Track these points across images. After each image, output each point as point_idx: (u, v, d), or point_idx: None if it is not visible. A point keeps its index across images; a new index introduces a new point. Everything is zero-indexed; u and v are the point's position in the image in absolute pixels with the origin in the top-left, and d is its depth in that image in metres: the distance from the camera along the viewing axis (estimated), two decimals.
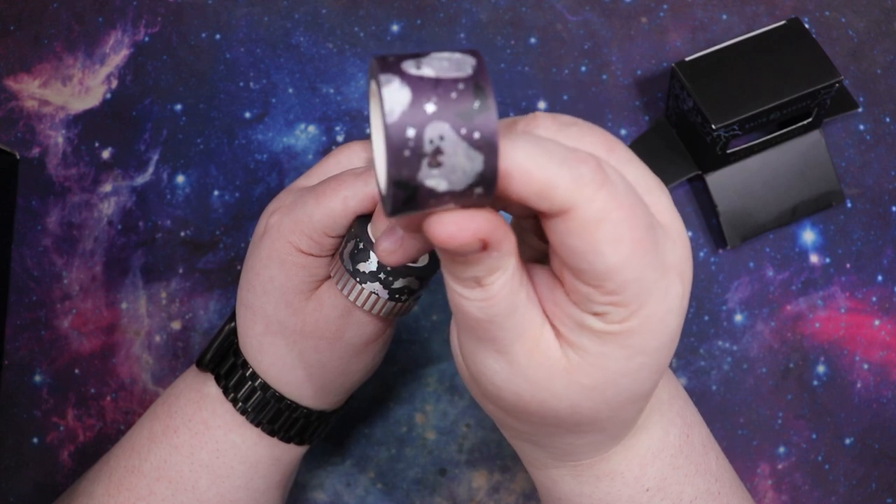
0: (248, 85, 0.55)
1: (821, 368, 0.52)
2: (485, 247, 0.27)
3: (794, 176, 0.52)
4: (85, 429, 0.53)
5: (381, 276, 0.39)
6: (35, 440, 0.53)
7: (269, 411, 0.42)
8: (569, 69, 0.54)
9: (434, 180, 0.24)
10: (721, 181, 0.52)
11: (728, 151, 0.50)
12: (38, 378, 0.53)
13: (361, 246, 0.39)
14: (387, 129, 0.23)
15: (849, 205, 0.53)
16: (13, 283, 0.54)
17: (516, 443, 0.36)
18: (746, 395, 0.52)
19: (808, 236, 0.53)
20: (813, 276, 0.53)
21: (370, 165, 0.41)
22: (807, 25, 0.54)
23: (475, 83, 0.23)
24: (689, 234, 0.53)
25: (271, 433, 0.43)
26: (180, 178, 0.55)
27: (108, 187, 0.55)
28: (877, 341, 0.52)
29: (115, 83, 0.55)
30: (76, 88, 0.55)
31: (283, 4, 0.55)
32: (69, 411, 0.53)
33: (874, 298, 0.52)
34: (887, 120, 0.54)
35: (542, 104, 0.54)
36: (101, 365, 0.53)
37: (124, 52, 0.56)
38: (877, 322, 0.52)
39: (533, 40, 0.55)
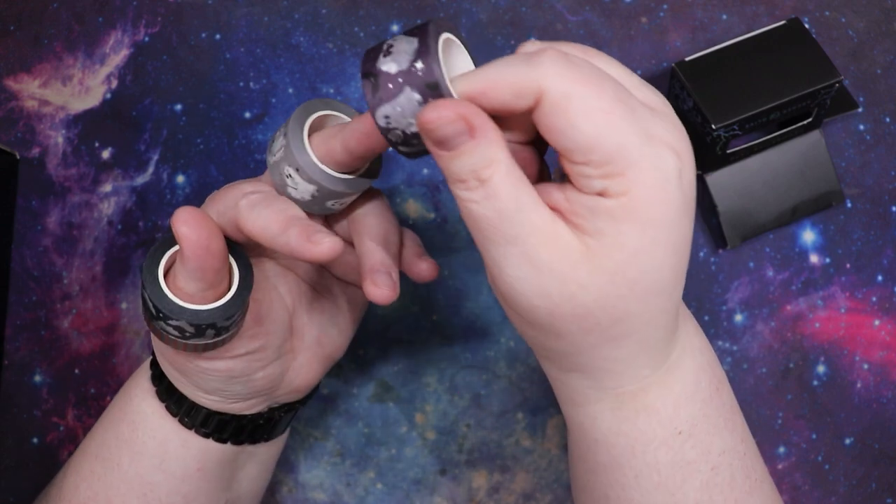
0: (248, 85, 0.55)
1: (821, 368, 0.52)
2: (471, 132, 0.30)
3: (794, 176, 0.52)
4: (85, 429, 0.53)
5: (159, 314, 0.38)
6: (35, 440, 0.53)
7: (174, 392, 0.42)
8: None
9: (387, 65, 0.33)
10: (721, 181, 0.52)
11: (728, 151, 0.50)
12: (38, 378, 0.53)
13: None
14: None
15: (849, 205, 0.53)
16: (13, 283, 0.54)
17: (560, 375, 0.36)
18: (746, 395, 0.52)
19: (808, 236, 0.53)
20: (813, 276, 0.53)
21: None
22: (807, 25, 0.54)
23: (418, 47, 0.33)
24: None
25: (173, 414, 0.42)
26: (180, 178, 0.55)
27: (108, 187, 0.55)
28: (877, 341, 0.52)
29: (115, 83, 0.55)
30: (76, 88, 0.55)
31: (283, 4, 0.55)
32: (69, 411, 0.53)
33: (874, 298, 0.52)
34: (887, 120, 0.54)
35: None
36: (100, 365, 0.53)
37: (124, 52, 0.56)
38: (877, 322, 0.52)
39: (533, 40, 0.55)
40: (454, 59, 0.35)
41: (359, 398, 0.53)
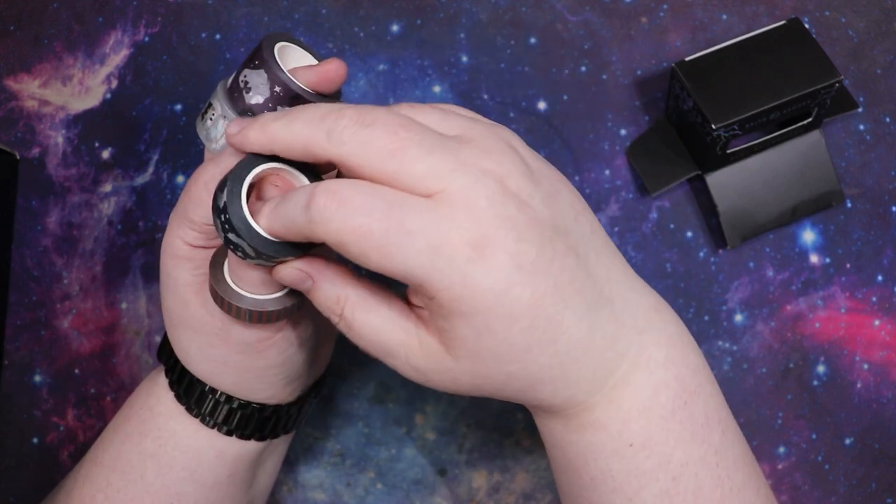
0: None
1: (821, 368, 0.52)
2: (312, 278, 0.35)
3: (794, 176, 0.52)
4: (85, 429, 0.53)
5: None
6: (35, 440, 0.53)
7: (207, 402, 0.42)
8: (569, 69, 0.54)
9: (254, 99, 0.37)
10: (721, 181, 0.52)
11: (728, 151, 0.50)
12: (37, 378, 0.53)
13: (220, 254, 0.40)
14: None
15: (849, 205, 0.53)
16: (13, 283, 0.54)
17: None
18: (746, 395, 0.52)
19: (808, 236, 0.53)
20: (813, 276, 0.53)
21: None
22: (807, 25, 0.54)
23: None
24: (689, 234, 0.53)
25: (211, 425, 0.42)
26: (180, 179, 0.55)
27: (108, 187, 0.55)
28: (877, 341, 0.52)
29: (115, 83, 0.55)
30: (76, 88, 0.55)
31: (283, 4, 0.55)
32: (69, 411, 0.53)
33: (874, 298, 0.52)
34: (887, 120, 0.54)
35: (541, 104, 0.54)
36: (100, 365, 0.53)
37: (124, 52, 0.56)
38: (877, 322, 0.52)
39: (533, 40, 0.55)
40: (296, 58, 0.40)
41: (359, 398, 0.53)
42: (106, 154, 0.55)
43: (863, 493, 0.51)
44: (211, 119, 0.39)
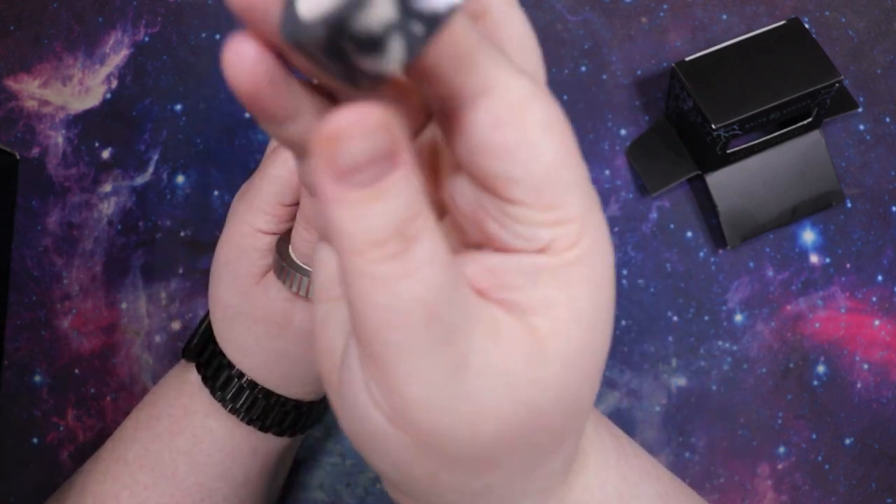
0: None
1: (821, 368, 0.52)
2: (394, 157, 0.19)
3: (794, 176, 0.52)
4: (85, 429, 0.53)
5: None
6: (35, 440, 0.53)
7: (245, 399, 0.42)
8: (569, 69, 0.54)
9: None
10: (721, 181, 0.52)
11: (728, 151, 0.50)
12: (37, 378, 0.53)
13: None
14: None
15: (849, 205, 0.53)
16: (13, 283, 0.54)
17: None
18: (746, 395, 0.52)
19: (808, 236, 0.53)
20: (813, 276, 0.53)
21: None
22: (807, 25, 0.54)
23: None
24: (689, 234, 0.53)
25: (248, 421, 0.43)
26: (180, 178, 0.55)
27: (108, 187, 0.55)
28: (877, 341, 0.52)
29: (115, 83, 0.55)
30: (76, 88, 0.55)
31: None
32: (69, 411, 0.53)
33: (874, 298, 0.52)
34: (887, 120, 0.54)
35: None
36: (101, 365, 0.53)
37: (124, 52, 0.56)
38: (877, 322, 0.52)
39: None
40: None
41: None
42: (106, 154, 0.55)
43: (863, 493, 0.51)
44: None
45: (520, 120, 0.21)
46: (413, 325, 0.20)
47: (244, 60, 0.20)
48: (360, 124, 0.18)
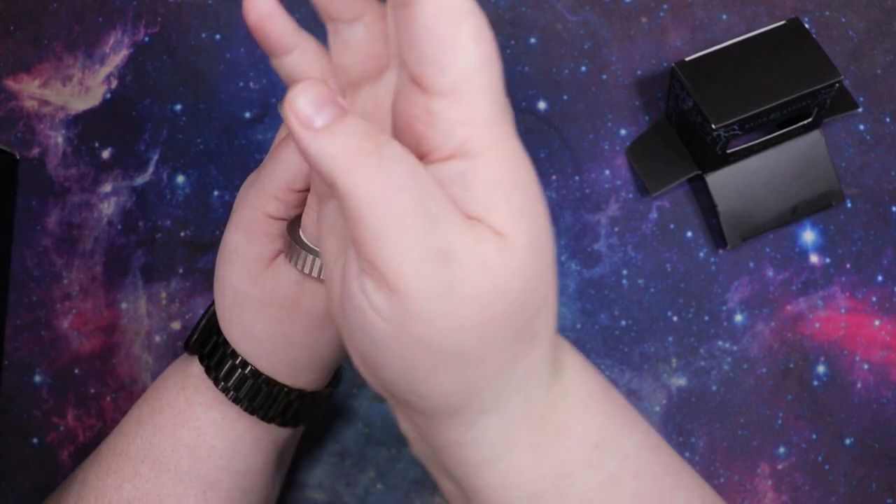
0: (248, 85, 0.55)
1: (821, 368, 0.52)
2: (338, 105, 0.27)
3: (794, 176, 0.52)
4: (85, 429, 0.53)
5: None
6: (35, 440, 0.53)
7: (248, 388, 0.42)
8: (569, 69, 0.54)
9: None
10: (721, 181, 0.52)
11: (728, 151, 0.50)
12: (37, 378, 0.53)
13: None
14: None
15: (849, 205, 0.53)
16: (13, 283, 0.54)
17: (466, 436, 0.31)
18: (746, 395, 0.52)
19: (808, 236, 0.53)
20: (813, 276, 0.53)
21: None
22: (807, 25, 0.54)
23: None
24: (689, 234, 0.53)
25: (251, 411, 0.43)
26: (180, 178, 0.55)
27: (107, 187, 0.55)
28: (877, 341, 0.52)
29: (115, 83, 0.55)
30: (76, 88, 0.55)
31: (283, 4, 0.55)
32: (69, 411, 0.53)
33: (874, 298, 0.52)
34: (887, 120, 0.54)
35: (541, 104, 0.54)
36: (101, 365, 0.53)
37: (124, 52, 0.56)
38: (877, 322, 0.52)
39: (533, 40, 0.55)
40: None
41: (359, 398, 0.53)
42: (106, 154, 0.55)
43: (863, 493, 0.51)
44: None
45: (458, 23, 0.27)
46: (402, 211, 0.26)
47: (255, 2, 0.29)
48: (304, 84, 0.26)
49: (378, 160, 0.26)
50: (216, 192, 0.54)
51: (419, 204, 0.26)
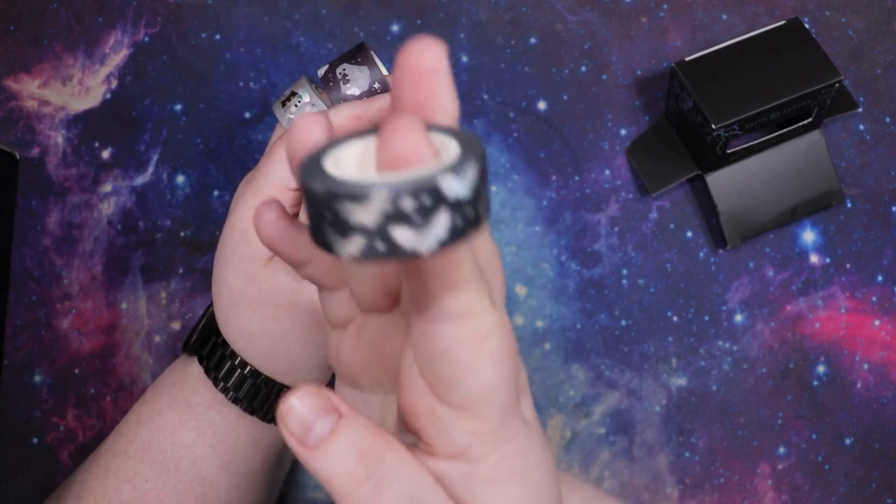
0: (247, 85, 0.55)
1: (821, 368, 0.52)
2: (333, 412, 0.25)
3: (794, 176, 0.52)
4: (85, 429, 0.53)
5: None
6: (35, 440, 0.53)
7: (247, 388, 0.43)
8: (569, 69, 0.54)
9: (350, 90, 0.42)
10: (721, 181, 0.52)
11: (728, 151, 0.51)
12: (37, 378, 0.53)
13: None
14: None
15: (849, 205, 0.53)
16: (13, 283, 0.54)
17: None
18: (747, 395, 0.52)
19: (808, 236, 0.53)
20: (813, 276, 0.53)
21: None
22: (807, 25, 0.54)
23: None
24: (689, 234, 0.53)
25: (251, 411, 0.43)
26: (180, 178, 0.55)
27: (107, 187, 0.55)
28: (877, 341, 0.52)
29: (114, 83, 0.55)
30: (76, 88, 0.55)
31: (282, 5, 0.56)
32: (69, 411, 0.53)
33: (874, 298, 0.53)
34: (887, 120, 0.54)
35: (542, 104, 0.54)
36: (100, 365, 0.53)
37: (124, 52, 0.56)
38: (877, 322, 0.52)
39: (533, 40, 0.55)
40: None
41: None
42: (106, 154, 0.55)
43: (863, 493, 0.51)
44: (296, 106, 0.42)
45: (478, 347, 0.24)
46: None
47: (265, 220, 0.27)
48: (298, 394, 0.24)
49: (373, 486, 0.25)
50: (216, 192, 0.54)
51: None
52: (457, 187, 0.20)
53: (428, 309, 0.24)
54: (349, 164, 0.23)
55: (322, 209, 0.21)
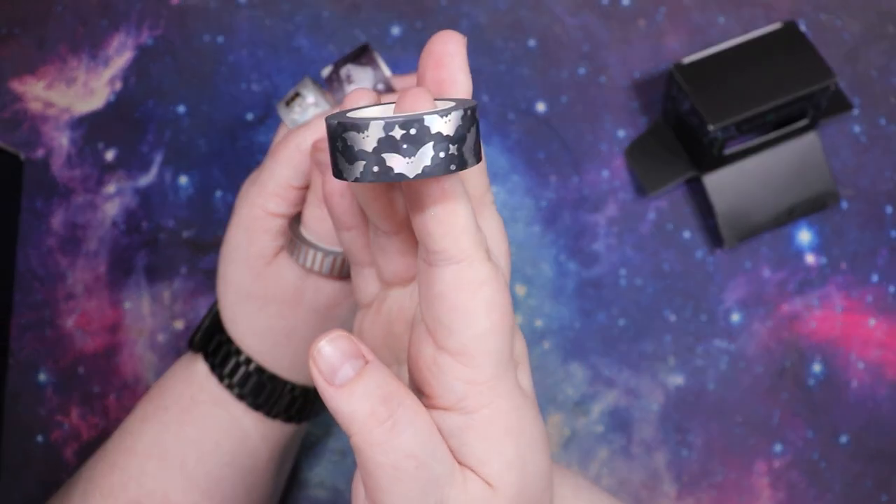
0: (249, 87, 0.56)
1: (817, 367, 0.53)
2: (360, 357, 0.28)
3: (790, 177, 0.53)
4: (89, 427, 0.54)
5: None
6: (39, 438, 0.54)
7: (252, 385, 0.43)
8: (568, 71, 0.55)
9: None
10: (718, 182, 0.52)
11: (725, 153, 0.51)
12: (42, 377, 0.54)
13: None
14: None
15: (844, 205, 0.54)
16: (18, 283, 0.55)
17: None
18: (743, 393, 0.52)
19: (804, 237, 0.53)
20: (809, 276, 0.53)
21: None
22: (802, 28, 0.54)
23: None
24: (687, 234, 0.54)
25: (256, 407, 0.43)
26: (183, 179, 0.55)
27: (111, 188, 0.55)
28: (872, 340, 0.53)
29: (118, 85, 0.56)
30: (80, 90, 0.56)
31: (284, 7, 0.56)
32: (73, 410, 0.54)
33: (869, 298, 0.53)
34: (882, 122, 0.54)
35: (540, 106, 0.55)
36: (105, 364, 0.54)
37: (128, 55, 0.56)
38: (872, 321, 0.53)
39: (532, 42, 0.55)
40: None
41: None
42: (110, 155, 0.55)
43: (858, 490, 0.52)
44: (300, 107, 0.43)
45: (473, 293, 0.27)
46: (408, 477, 0.27)
47: (334, 183, 0.32)
48: (328, 337, 0.27)
49: (391, 426, 0.27)
50: (219, 193, 0.55)
51: (424, 469, 0.27)
52: (440, 125, 0.25)
53: (431, 253, 0.27)
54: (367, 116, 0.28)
55: (336, 139, 0.25)
